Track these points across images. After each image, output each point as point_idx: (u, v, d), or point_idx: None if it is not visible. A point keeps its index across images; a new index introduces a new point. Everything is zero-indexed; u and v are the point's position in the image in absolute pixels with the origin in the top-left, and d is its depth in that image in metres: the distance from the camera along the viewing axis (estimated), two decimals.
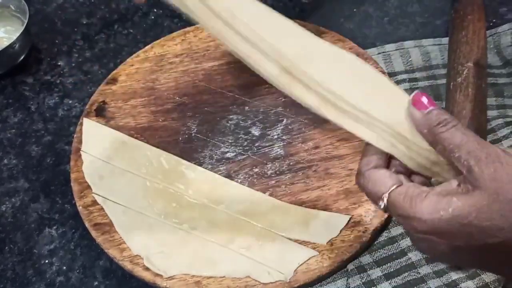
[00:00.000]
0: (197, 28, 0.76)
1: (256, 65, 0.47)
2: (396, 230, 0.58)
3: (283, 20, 0.47)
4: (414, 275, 0.55)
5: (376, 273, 0.55)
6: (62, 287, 0.59)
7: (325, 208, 0.59)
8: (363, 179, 0.42)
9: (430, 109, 0.40)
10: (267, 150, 0.64)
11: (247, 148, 0.65)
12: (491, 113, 0.66)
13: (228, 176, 0.62)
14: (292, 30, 0.47)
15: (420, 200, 0.38)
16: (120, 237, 0.59)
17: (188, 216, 0.59)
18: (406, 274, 0.55)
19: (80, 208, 0.61)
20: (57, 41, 0.79)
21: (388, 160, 0.43)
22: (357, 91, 0.43)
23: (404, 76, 0.70)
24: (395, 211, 0.39)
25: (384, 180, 0.41)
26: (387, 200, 0.40)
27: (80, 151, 0.65)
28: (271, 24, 0.47)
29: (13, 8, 0.79)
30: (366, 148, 0.43)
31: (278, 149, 0.64)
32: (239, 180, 0.62)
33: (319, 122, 0.66)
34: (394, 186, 0.40)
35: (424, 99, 0.40)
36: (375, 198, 0.41)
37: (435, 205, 0.38)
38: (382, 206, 0.41)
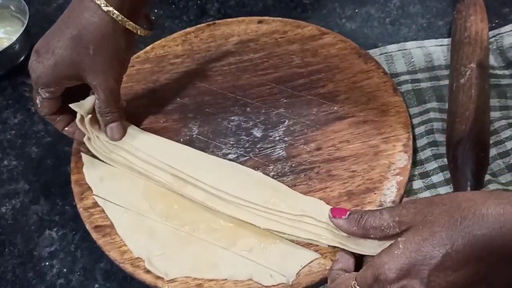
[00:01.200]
0: (198, 29, 0.76)
1: (153, 176, 0.60)
2: None
3: (169, 142, 0.64)
4: None
5: None
6: None
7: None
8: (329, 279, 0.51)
9: (348, 213, 0.51)
10: (269, 151, 0.64)
11: (248, 149, 0.64)
12: (494, 114, 0.65)
13: None
14: (180, 148, 0.63)
15: (376, 258, 0.46)
16: (121, 239, 0.58)
17: (190, 219, 0.59)
18: None
19: (80, 210, 0.61)
20: None
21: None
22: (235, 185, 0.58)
23: (407, 77, 0.70)
24: (367, 283, 0.45)
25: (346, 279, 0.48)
26: (355, 284, 0.46)
27: (81, 153, 0.65)
28: (163, 147, 0.63)
29: (13, 8, 0.79)
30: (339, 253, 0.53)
31: (280, 151, 0.64)
32: None
33: (321, 123, 0.65)
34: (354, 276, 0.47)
35: (338, 210, 0.52)
36: None
37: (388, 252, 0.45)
38: None
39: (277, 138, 0.65)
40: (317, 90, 0.68)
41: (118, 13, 0.55)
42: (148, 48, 0.75)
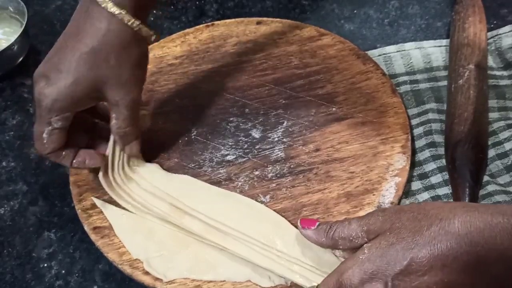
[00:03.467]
0: (197, 29, 0.76)
1: (149, 206, 0.58)
2: None
3: (165, 172, 0.62)
4: None
5: None
6: None
7: (326, 211, 0.58)
8: None
9: (317, 223, 0.50)
10: (267, 152, 0.64)
11: (247, 150, 0.64)
12: (492, 115, 0.65)
13: (228, 179, 0.62)
14: (176, 176, 0.62)
15: (341, 264, 0.46)
16: (120, 241, 0.58)
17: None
18: None
19: (79, 211, 0.61)
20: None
21: None
22: (237, 218, 0.57)
23: (405, 78, 0.70)
24: None
25: None
26: None
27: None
28: (160, 176, 0.61)
29: (11, 9, 0.79)
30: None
31: (279, 152, 0.64)
32: (240, 183, 0.62)
33: (320, 124, 0.65)
34: None
35: (307, 221, 0.51)
36: None
37: (352, 257, 0.45)
38: None
39: (276, 139, 0.65)
40: (316, 91, 0.68)
41: (134, 20, 0.52)
42: None
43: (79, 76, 0.52)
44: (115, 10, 0.51)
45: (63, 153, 0.57)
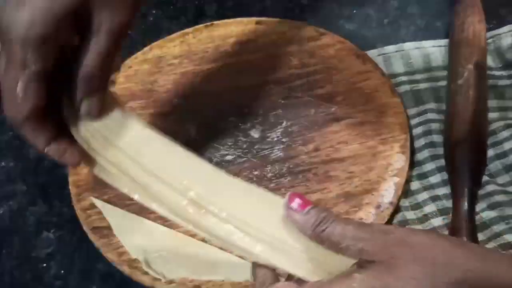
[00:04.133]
0: (196, 29, 0.76)
1: (160, 195, 0.45)
2: None
3: (184, 153, 0.48)
4: None
5: None
6: None
7: None
8: None
9: (308, 208, 0.40)
10: (266, 152, 0.64)
11: (246, 150, 0.64)
12: (492, 115, 0.65)
13: None
14: (196, 163, 0.47)
15: (326, 285, 0.38)
16: (119, 241, 0.58)
17: None
18: None
19: (78, 212, 0.61)
20: None
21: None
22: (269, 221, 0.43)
23: (404, 78, 0.70)
24: None
25: None
26: None
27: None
28: (175, 158, 0.47)
29: None
30: (256, 270, 0.43)
31: (278, 152, 0.64)
32: None
33: (319, 124, 0.65)
34: None
35: (298, 200, 0.40)
36: None
37: (340, 285, 0.38)
38: None
39: (275, 139, 0.65)
40: (315, 91, 0.68)
41: None
42: (146, 48, 0.75)
43: None
44: None
45: (46, 125, 0.42)
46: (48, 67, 0.39)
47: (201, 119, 0.67)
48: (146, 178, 0.45)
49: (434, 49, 0.72)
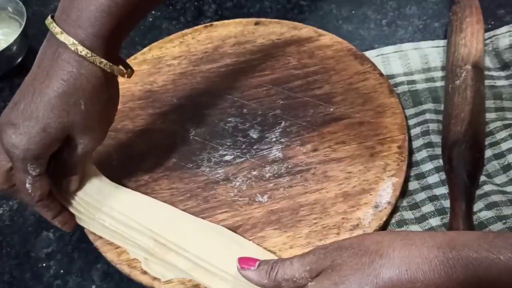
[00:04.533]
0: (195, 30, 0.76)
1: (132, 239, 0.56)
2: None
3: (148, 200, 0.59)
4: None
5: None
6: None
7: (324, 211, 0.59)
8: None
9: (258, 263, 0.48)
10: (265, 152, 0.64)
11: (245, 151, 0.65)
12: (489, 115, 0.66)
13: (226, 179, 0.62)
14: (160, 207, 0.58)
15: None
16: None
17: None
18: None
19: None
20: None
21: None
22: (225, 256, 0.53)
23: (403, 78, 0.70)
24: None
25: None
26: None
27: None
28: (141, 205, 0.58)
29: (10, 10, 0.79)
30: None
31: (277, 152, 0.64)
32: (238, 183, 0.62)
33: (318, 125, 0.65)
34: None
35: (248, 262, 0.48)
36: None
37: None
38: None
39: (274, 139, 0.65)
40: (314, 91, 0.69)
41: (106, 61, 0.50)
42: (145, 49, 0.75)
43: (49, 122, 0.49)
44: (86, 52, 0.48)
45: (52, 204, 0.56)
46: (43, 170, 0.52)
47: (200, 119, 0.68)
48: (117, 226, 0.56)
49: (432, 50, 0.72)
